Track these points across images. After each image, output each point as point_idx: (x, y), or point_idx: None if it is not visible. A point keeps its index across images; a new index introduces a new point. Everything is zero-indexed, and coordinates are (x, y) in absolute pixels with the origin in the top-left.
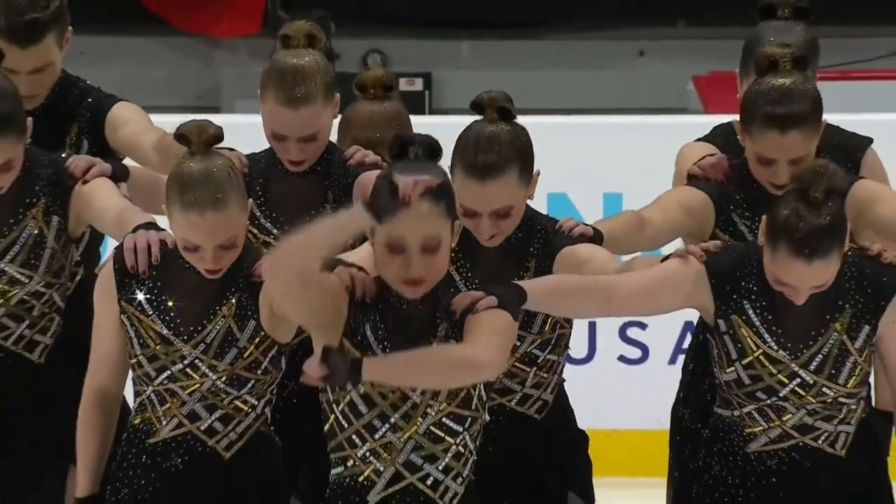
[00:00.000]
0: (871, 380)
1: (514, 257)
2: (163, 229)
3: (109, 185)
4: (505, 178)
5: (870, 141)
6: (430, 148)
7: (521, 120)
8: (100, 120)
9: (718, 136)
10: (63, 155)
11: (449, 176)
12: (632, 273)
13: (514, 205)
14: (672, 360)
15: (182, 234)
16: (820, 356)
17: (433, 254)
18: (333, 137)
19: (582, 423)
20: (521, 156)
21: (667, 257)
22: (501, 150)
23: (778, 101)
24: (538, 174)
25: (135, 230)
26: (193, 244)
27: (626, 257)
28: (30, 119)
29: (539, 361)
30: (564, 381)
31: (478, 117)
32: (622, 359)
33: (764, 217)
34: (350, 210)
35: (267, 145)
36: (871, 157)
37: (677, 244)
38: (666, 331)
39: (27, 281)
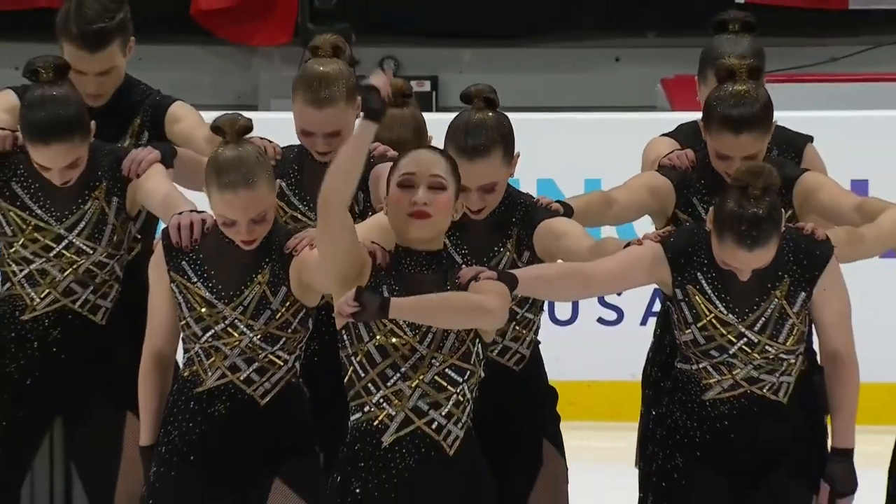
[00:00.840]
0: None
1: (498, 228)
2: (203, 211)
3: (159, 171)
4: (491, 157)
5: (811, 138)
6: None
7: (514, 117)
8: (160, 116)
9: (681, 134)
10: (121, 145)
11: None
12: (603, 260)
13: (498, 181)
14: (643, 322)
15: (220, 211)
16: (763, 319)
17: (438, 192)
18: None
19: (566, 375)
20: (504, 139)
21: (629, 243)
22: (488, 134)
23: (733, 106)
24: (518, 155)
25: (181, 213)
26: (230, 219)
27: (604, 230)
28: (93, 122)
29: (518, 317)
30: (539, 342)
31: None
32: (600, 321)
33: (711, 208)
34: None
35: (297, 139)
36: (811, 150)
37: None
38: (638, 297)
39: (91, 252)
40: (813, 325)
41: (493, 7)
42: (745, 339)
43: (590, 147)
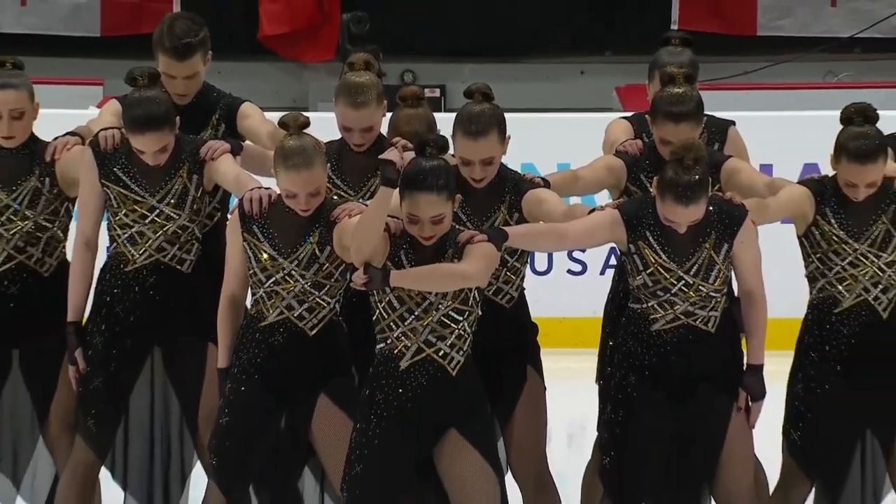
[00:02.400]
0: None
1: (495, 194)
2: (269, 188)
3: (230, 158)
4: (489, 137)
5: (733, 122)
6: (440, 145)
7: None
8: (233, 114)
9: (635, 122)
10: (200, 136)
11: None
12: (575, 221)
13: (495, 156)
14: (602, 273)
15: (285, 187)
16: (697, 265)
17: (438, 224)
18: (383, 129)
19: (544, 313)
20: (499, 123)
21: (593, 210)
22: (486, 120)
23: (673, 103)
24: (509, 137)
25: (252, 189)
26: (293, 192)
27: (572, 200)
28: (178, 117)
29: (508, 264)
30: (524, 288)
31: None
32: (569, 271)
33: (655, 178)
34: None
35: (338, 134)
36: (733, 132)
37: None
38: (598, 253)
39: (177, 217)
40: (733, 271)
41: (488, 32)
42: (684, 281)
43: (561, 139)
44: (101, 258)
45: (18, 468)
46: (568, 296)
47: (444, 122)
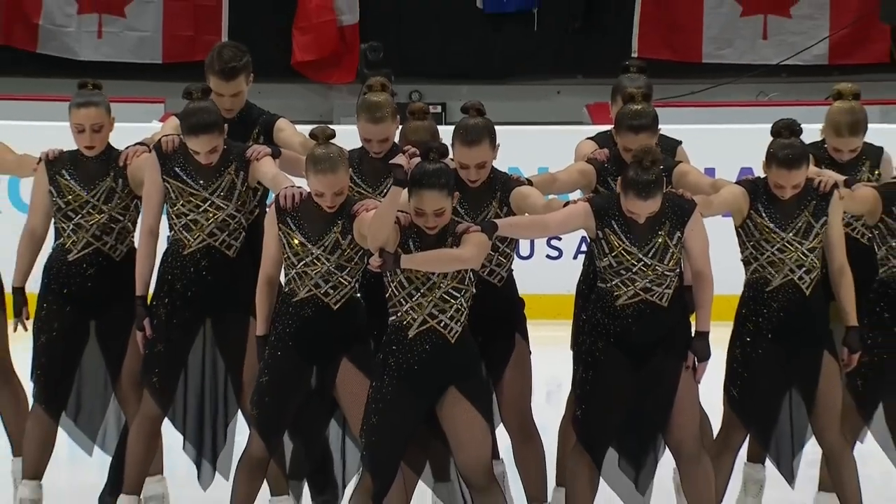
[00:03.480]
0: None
1: (487, 192)
2: (300, 187)
3: (270, 161)
4: (482, 145)
5: (680, 141)
6: (441, 152)
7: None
8: (270, 128)
9: (600, 138)
10: (248, 144)
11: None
12: (554, 213)
13: (487, 161)
14: (575, 257)
15: (314, 187)
16: (654, 249)
17: (441, 216)
18: (395, 139)
19: (528, 289)
20: (490, 133)
21: (567, 203)
22: (479, 130)
23: (633, 117)
24: (499, 145)
25: (287, 188)
26: (321, 192)
27: (550, 196)
28: (226, 125)
29: (499, 250)
30: (513, 270)
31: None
32: (548, 256)
33: (619, 178)
34: (389, 192)
35: (359, 143)
36: (680, 149)
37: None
38: (572, 241)
39: (226, 208)
40: (684, 254)
41: (482, 59)
42: (643, 263)
43: (541, 147)
44: (162, 244)
45: (95, 421)
46: (547, 276)
47: (445, 133)
